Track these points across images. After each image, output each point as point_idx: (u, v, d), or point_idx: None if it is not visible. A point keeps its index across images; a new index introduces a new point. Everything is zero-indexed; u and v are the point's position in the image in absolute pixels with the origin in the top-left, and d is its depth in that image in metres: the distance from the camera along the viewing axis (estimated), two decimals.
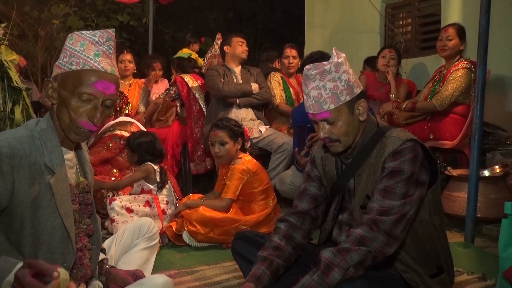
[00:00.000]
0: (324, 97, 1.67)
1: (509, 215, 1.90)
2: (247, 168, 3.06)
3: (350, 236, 1.60)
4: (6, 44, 2.71)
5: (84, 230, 1.58)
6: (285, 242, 1.82)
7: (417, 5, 5.44)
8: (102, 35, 1.50)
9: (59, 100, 1.48)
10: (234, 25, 9.61)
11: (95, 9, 8.55)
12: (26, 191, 1.39)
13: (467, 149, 3.54)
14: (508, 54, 4.29)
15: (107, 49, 1.50)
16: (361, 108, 1.73)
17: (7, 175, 1.35)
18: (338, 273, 1.53)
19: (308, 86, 1.71)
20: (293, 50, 4.43)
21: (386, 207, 1.61)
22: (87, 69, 1.45)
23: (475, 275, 2.38)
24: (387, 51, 4.28)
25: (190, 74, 4.57)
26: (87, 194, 1.60)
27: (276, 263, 1.75)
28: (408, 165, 1.64)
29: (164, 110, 4.61)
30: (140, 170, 3.17)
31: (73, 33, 1.50)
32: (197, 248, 2.94)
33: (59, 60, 1.49)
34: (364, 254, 1.56)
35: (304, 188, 1.96)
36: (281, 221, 1.91)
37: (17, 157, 1.37)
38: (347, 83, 1.68)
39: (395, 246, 1.61)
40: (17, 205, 1.38)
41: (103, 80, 1.47)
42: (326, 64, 1.68)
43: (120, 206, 3.01)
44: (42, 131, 1.46)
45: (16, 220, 1.39)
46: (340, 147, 1.76)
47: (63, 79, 1.47)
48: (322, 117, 1.70)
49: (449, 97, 3.57)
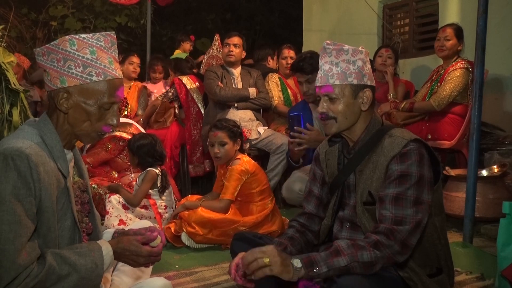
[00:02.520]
0: (333, 72, 1.72)
1: (507, 214, 1.91)
2: (245, 169, 3.06)
3: (368, 238, 1.61)
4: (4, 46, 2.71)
5: (84, 229, 1.59)
6: (299, 235, 1.88)
7: (414, 6, 5.45)
8: (107, 40, 1.49)
9: (74, 109, 1.47)
10: (232, 26, 9.60)
11: (93, 10, 8.55)
12: (51, 197, 1.39)
13: (465, 149, 3.55)
14: (505, 54, 4.30)
15: (115, 55, 1.51)
16: (365, 98, 1.75)
17: (36, 183, 1.34)
18: (344, 261, 1.53)
19: (322, 59, 1.76)
20: (291, 51, 4.44)
21: (400, 216, 1.62)
22: (109, 79, 1.47)
23: (473, 275, 2.38)
24: (383, 50, 4.29)
25: (188, 76, 4.56)
26: (83, 193, 1.60)
27: (290, 249, 1.78)
28: (416, 168, 1.65)
29: (162, 112, 4.61)
30: (146, 180, 3.17)
31: (71, 38, 1.45)
32: (195, 249, 2.94)
33: (67, 69, 1.44)
34: (376, 257, 1.56)
35: (310, 189, 1.99)
36: (293, 221, 1.97)
37: (41, 164, 1.37)
38: (359, 69, 1.73)
39: (405, 256, 1.62)
40: (44, 211, 1.39)
41: (121, 87, 1.51)
42: (346, 46, 1.73)
43: (118, 201, 3.06)
44: (47, 136, 1.45)
45: (44, 225, 1.40)
46: (334, 127, 1.77)
47: (83, 90, 1.45)
48: (326, 90, 1.74)
49: (447, 97, 3.58)
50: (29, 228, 1.34)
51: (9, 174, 1.31)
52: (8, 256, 1.29)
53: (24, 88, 2.75)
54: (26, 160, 1.33)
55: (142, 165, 3.24)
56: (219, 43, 4.96)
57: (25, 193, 1.32)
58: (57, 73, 1.44)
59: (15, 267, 1.29)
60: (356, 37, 5.97)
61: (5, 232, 1.29)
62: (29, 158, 1.33)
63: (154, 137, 3.35)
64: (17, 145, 1.34)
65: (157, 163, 3.25)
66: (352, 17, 6.10)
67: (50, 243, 1.41)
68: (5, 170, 1.31)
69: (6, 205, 1.30)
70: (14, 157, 1.32)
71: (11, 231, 1.29)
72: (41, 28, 8.46)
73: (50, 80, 1.46)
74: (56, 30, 8.44)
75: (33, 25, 8.47)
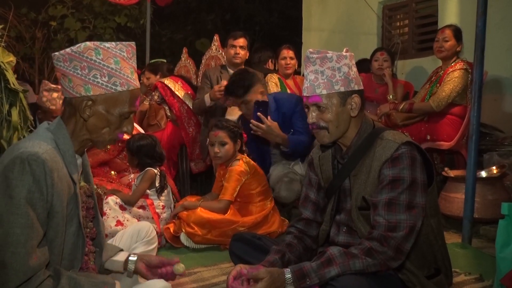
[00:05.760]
0: (319, 81, 1.70)
1: (506, 216, 1.91)
2: (245, 170, 3.06)
3: (361, 245, 1.62)
4: (3, 46, 2.71)
5: (88, 234, 1.60)
6: (297, 241, 1.89)
7: (414, 6, 5.45)
8: (129, 50, 1.51)
9: (96, 116, 1.49)
10: (231, 26, 9.61)
11: (92, 10, 8.55)
12: (62, 202, 1.41)
13: (464, 150, 3.55)
14: (504, 55, 4.30)
15: (135, 65, 1.54)
16: (353, 104, 1.74)
17: (49, 188, 1.36)
18: (335, 271, 1.56)
19: (307, 68, 1.75)
20: (290, 51, 4.43)
21: (393, 222, 1.62)
22: (132, 89, 1.50)
23: (472, 276, 2.38)
24: (378, 54, 4.30)
25: (169, 77, 4.55)
26: (89, 198, 1.61)
27: (288, 256, 1.80)
28: (408, 172, 1.64)
29: (154, 115, 4.60)
30: (144, 179, 3.16)
31: (96, 47, 1.45)
32: (194, 249, 2.94)
33: (93, 78, 1.44)
34: (368, 265, 1.58)
35: (306, 194, 1.99)
36: (291, 227, 1.98)
37: (55, 170, 1.38)
38: (345, 75, 1.70)
39: (399, 262, 1.63)
40: (54, 216, 1.40)
41: (139, 96, 1.55)
42: (329, 53, 1.71)
43: (115, 202, 3.04)
44: (60, 141, 1.47)
45: (52, 230, 1.41)
46: (327, 137, 1.77)
47: (107, 99, 1.48)
48: (313, 100, 1.73)
49: (446, 98, 3.58)
50: (40, 232, 1.35)
51: (25, 177, 1.32)
52: (19, 259, 1.30)
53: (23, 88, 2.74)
54: (42, 165, 1.34)
55: (142, 166, 3.24)
56: (218, 43, 4.95)
57: (38, 197, 1.34)
58: (82, 81, 1.45)
59: (24, 270, 1.30)
60: (355, 38, 5.98)
61: (17, 235, 1.30)
62: (45, 164, 1.34)
63: (154, 138, 3.34)
64: (34, 150, 1.35)
65: (156, 164, 3.24)
66: (351, 17, 6.10)
67: (56, 249, 1.43)
68: (21, 173, 1.32)
69: (20, 209, 1.31)
70: (31, 162, 1.33)
71: (23, 234, 1.31)
72: (41, 28, 8.46)
73: (72, 87, 1.47)
74: (56, 30, 8.44)
75: (33, 25, 8.46)
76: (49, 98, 3.76)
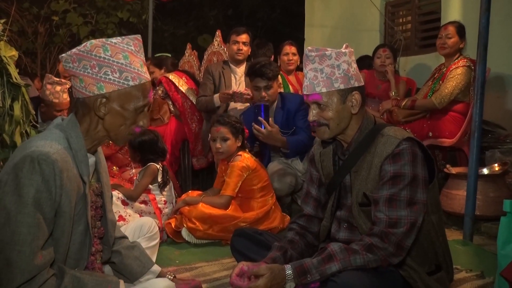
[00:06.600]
0: (319, 79, 1.70)
1: (508, 213, 1.91)
2: (246, 165, 3.06)
3: (362, 241, 1.62)
4: (6, 40, 2.71)
5: (95, 234, 1.60)
6: (298, 238, 1.88)
7: (417, 3, 5.43)
8: (136, 43, 1.51)
9: (112, 114, 1.49)
10: (233, 22, 9.59)
11: (94, 5, 8.54)
12: (70, 202, 1.41)
13: (466, 147, 3.54)
14: (508, 52, 4.29)
15: (143, 58, 1.54)
16: (354, 101, 1.73)
17: (58, 188, 1.36)
18: (336, 267, 1.56)
19: (306, 66, 1.74)
20: (293, 47, 4.42)
21: (394, 218, 1.62)
22: (144, 82, 1.49)
23: (473, 273, 2.39)
24: (381, 50, 4.28)
25: (174, 72, 4.55)
26: (97, 197, 1.61)
27: (290, 253, 1.80)
28: (409, 168, 1.64)
29: (157, 109, 4.59)
30: (146, 174, 3.16)
31: (104, 44, 1.45)
32: (196, 245, 2.95)
33: (104, 75, 1.44)
34: (369, 261, 1.58)
35: (308, 190, 1.99)
36: (292, 223, 1.98)
37: (65, 170, 1.38)
38: (344, 73, 1.70)
39: (400, 258, 1.63)
40: (61, 216, 1.40)
41: (151, 89, 1.54)
42: (328, 50, 1.70)
43: (117, 197, 3.04)
44: (73, 140, 1.45)
45: (58, 229, 1.41)
46: (327, 133, 1.77)
47: (121, 95, 1.47)
48: (313, 99, 1.73)
49: (448, 95, 3.57)
50: (46, 232, 1.36)
51: (34, 177, 1.32)
52: (24, 258, 1.31)
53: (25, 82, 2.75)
54: (52, 165, 1.34)
55: (144, 161, 3.24)
56: (220, 39, 4.94)
57: (46, 197, 1.34)
58: (93, 80, 1.44)
59: (29, 269, 1.31)
60: (358, 34, 5.96)
61: (23, 234, 1.31)
62: (54, 164, 1.34)
63: (156, 133, 3.34)
64: (45, 149, 1.35)
65: (158, 159, 3.24)
66: (354, 13, 6.08)
67: (61, 248, 1.43)
68: (30, 172, 1.32)
69: (28, 208, 1.32)
70: (41, 161, 1.33)
71: (29, 233, 1.31)
72: (43, 23, 8.45)
73: (84, 87, 1.45)
74: (58, 25, 8.43)
75: (35, 19, 8.45)
76: (53, 91, 3.77)
